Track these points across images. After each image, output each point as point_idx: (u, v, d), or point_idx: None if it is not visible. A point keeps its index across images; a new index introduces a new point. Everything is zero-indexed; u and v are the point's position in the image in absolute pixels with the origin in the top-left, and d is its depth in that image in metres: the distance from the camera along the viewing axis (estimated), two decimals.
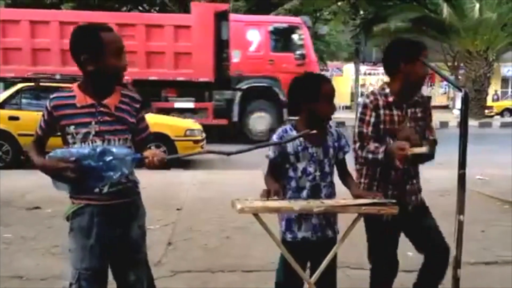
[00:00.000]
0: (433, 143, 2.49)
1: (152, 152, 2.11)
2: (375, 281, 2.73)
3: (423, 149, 2.35)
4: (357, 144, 2.55)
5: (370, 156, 2.48)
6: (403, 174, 2.58)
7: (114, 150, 2.00)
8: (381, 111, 2.54)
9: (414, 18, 21.99)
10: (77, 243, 2.17)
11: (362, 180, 2.64)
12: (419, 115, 2.62)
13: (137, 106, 2.22)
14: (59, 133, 2.18)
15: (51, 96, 2.17)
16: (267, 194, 2.22)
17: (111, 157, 1.96)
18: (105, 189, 2.11)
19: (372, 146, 2.49)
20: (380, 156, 2.43)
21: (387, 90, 2.58)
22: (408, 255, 2.92)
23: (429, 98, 2.30)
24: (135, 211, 2.26)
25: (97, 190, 2.09)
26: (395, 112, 2.56)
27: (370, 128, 2.53)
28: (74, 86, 2.17)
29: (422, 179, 2.72)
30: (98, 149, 1.99)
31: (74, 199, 2.17)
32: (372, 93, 2.62)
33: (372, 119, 2.54)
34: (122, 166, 1.98)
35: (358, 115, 2.59)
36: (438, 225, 2.68)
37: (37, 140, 2.23)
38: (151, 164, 2.07)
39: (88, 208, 2.15)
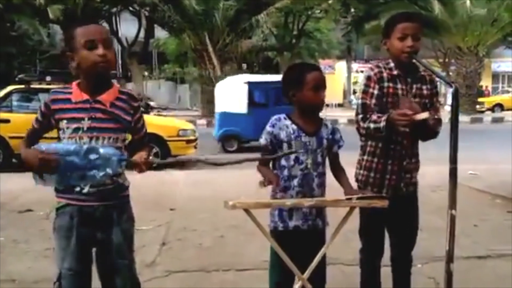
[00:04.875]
0: (437, 119, 2.43)
1: (140, 155, 2.08)
2: (362, 260, 2.74)
3: (425, 115, 2.28)
4: (360, 116, 2.50)
5: (372, 125, 2.44)
6: (402, 149, 2.54)
7: (100, 149, 1.97)
8: (385, 84, 2.50)
9: None
10: (59, 242, 2.15)
11: (365, 157, 2.62)
12: (424, 92, 2.56)
13: (135, 104, 2.18)
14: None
15: (52, 91, 2.18)
16: (264, 182, 2.23)
17: (96, 156, 1.94)
18: (86, 189, 2.06)
19: (374, 116, 2.45)
20: (382, 124, 2.38)
21: (392, 64, 2.54)
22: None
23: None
24: (118, 215, 2.16)
25: (77, 189, 2.06)
26: (399, 85, 2.51)
27: (373, 101, 2.49)
28: (74, 84, 2.16)
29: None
30: (85, 146, 1.97)
31: (58, 197, 2.15)
32: (377, 66, 2.57)
33: (376, 91, 2.49)
34: (107, 166, 1.95)
35: (362, 87, 2.54)
36: (418, 220, 2.67)
37: (30, 132, 2.19)
38: (138, 168, 2.05)
39: (68, 208, 2.12)
